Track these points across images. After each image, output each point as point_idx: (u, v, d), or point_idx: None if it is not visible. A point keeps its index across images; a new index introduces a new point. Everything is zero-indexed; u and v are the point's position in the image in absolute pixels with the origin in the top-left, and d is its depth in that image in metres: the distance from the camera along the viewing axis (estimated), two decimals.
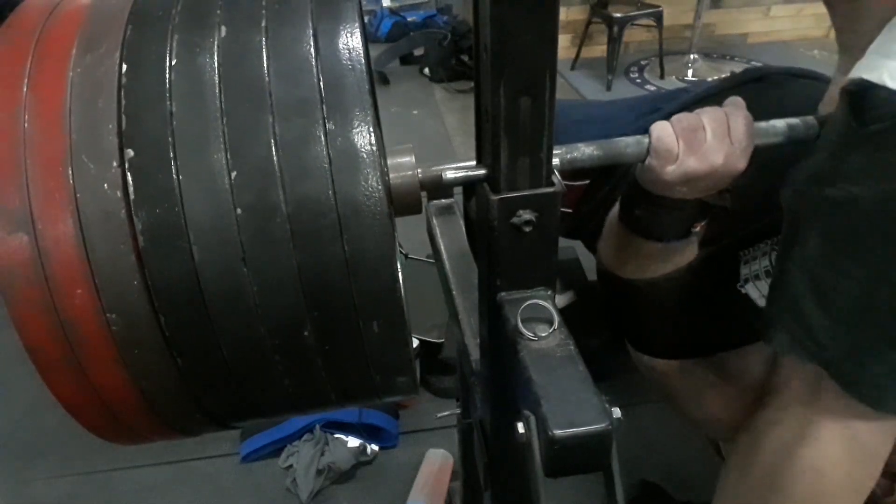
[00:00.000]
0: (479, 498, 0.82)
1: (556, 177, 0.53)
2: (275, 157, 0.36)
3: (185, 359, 0.39)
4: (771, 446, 0.68)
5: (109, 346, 0.37)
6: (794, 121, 0.62)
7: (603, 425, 0.39)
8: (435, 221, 0.80)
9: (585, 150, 0.61)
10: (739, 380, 0.87)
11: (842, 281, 0.57)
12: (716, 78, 3.44)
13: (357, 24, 0.40)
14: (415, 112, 3.38)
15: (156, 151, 0.35)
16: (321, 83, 0.38)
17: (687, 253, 0.78)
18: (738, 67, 3.64)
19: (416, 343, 1.57)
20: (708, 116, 0.62)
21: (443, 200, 0.82)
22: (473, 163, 0.63)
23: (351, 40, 0.39)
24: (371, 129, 0.38)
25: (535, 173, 0.51)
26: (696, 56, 3.67)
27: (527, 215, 0.50)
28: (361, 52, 0.39)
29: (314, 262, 0.37)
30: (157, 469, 1.53)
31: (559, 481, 0.42)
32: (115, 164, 0.35)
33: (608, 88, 3.49)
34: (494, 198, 0.50)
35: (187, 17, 0.38)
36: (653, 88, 3.53)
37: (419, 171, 0.50)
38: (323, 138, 0.37)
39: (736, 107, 0.64)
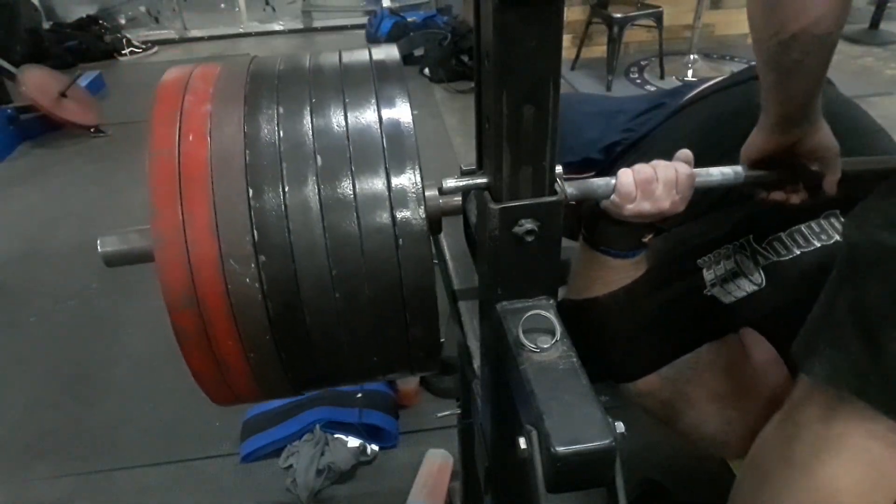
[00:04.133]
0: (479, 498, 0.82)
1: (559, 185, 0.53)
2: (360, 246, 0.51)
3: (287, 351, 0.54)
4: (787, 460, 0.68)
5: (240, 354, 0.54)
6: (726, 170, 0.77)
7: (606, 442, 0.39)
8: None
9: (566, 189, 0.67)
10: (714, 362, 0.91)
11: None
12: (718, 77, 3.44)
13: (407, 103, 0.54)
14: (415, 112, 3.32)
15: (279, 255, 0.50)
16: (384, 143, 0.52)
17: (640, 265, 0.89)
18: (738, 67, 3.63)
19: None
20: (661, 171, 0.75)
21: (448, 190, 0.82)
22: (474, 169, 0.63)
23: (403, 114, 0.53)
24: (418, 175, 0.51)
25: (538, 182, 0.51)
26: (696, 56, 3.67)
27: (528, 224, 0.50)
28: (412, 122, 0.53)
29: (377, 272, 0.51)
30: (157, 469, 1.53)
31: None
32: (252, 265, 0.49)
33: (608, 89, 3.49)
34: (495, 207, 0.50)
35: (289, 141, 0.51)
36: (653, 89, 3.53)
37: (441, 201, 0.58)
38: (386, 183, 0.51)
39: (685, 163, 0.77)
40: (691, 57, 3.66)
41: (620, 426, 0.41)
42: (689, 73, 3.62)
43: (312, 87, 0.54)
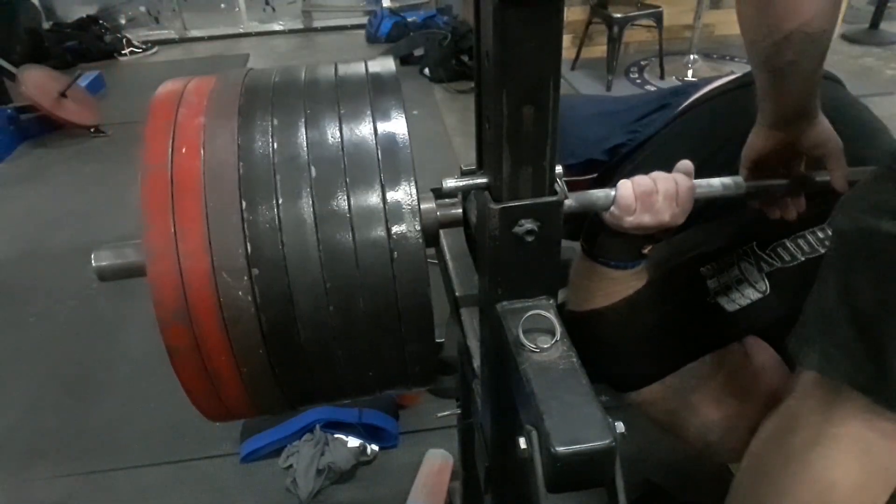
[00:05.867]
0: (479, 498, 0.82)
1: (559, 185, 0.53)
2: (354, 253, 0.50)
3: (281, 366, 0.53)
4: (784, 453, 0.68)
5: (235, 375, 0.53)
6: (727, 180, 0.76)
7: (606, 442, 0.39)
8: None
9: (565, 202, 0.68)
10: (717, 370, 0.91)
11: (890, 318, 0.58)
12: (724, 75, 3.44)
13: (403, 117, 0.53)
14: (415, 112, 3.37)
15: (273, 268, 0.49)
16: (379, 156, 0.51)
17: (641, 275, 0.88)
18: (738, 67, 3.63)
19: None
20: (661, 184, 0.75)
21: (446, 200, 0.82)
22: (474, 169, 0.63)
23: (399, 127, 0.52)
24: (413, 189, 0.50)
25: (538, 182, 0.51)
26: (696, 56, 3.67)
27: (528, 224, 0.50)
28: (406, 135, 0.52)
29: (372, 285, 0.51)
30: (157, 469, 1.53)
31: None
32: (245, 278, 0.49)
33: (608, 89, 3.49)
34: (495, 207, 0.50)
35: (283, 153, 0.51)
36: (653, 89, 3.53)
37: (438, 213, 0.59)
38: (381, 197, 0.50)
39: (684, 175, 0.76)
40: (691, 57, 3.66)
41: (620, 426, 0.41)
42: (689, 73, 3.62)
43: (307, 100, 0.54)
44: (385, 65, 0.59)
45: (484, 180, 0.53)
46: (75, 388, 1.77)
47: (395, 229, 0.50)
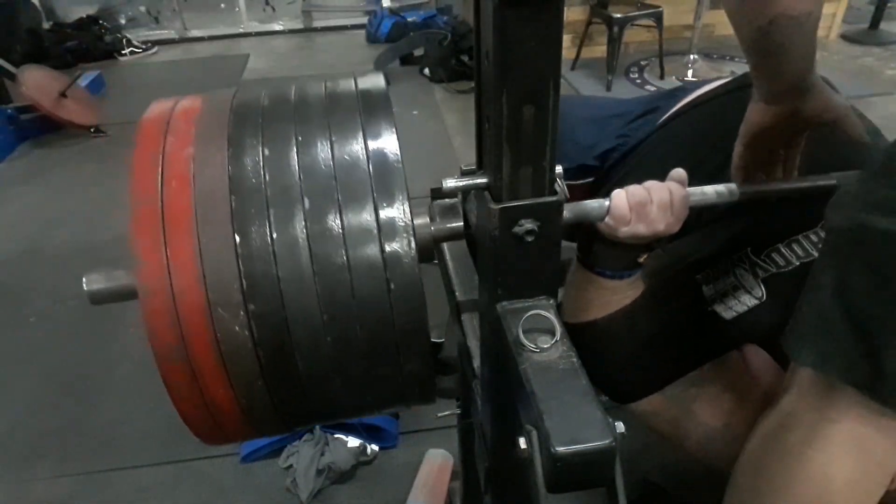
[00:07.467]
0: (479, 498, 0.82)
1: (559, 185, 0.53)
2: (343, 256, 0.50)
3: (279, 396, 0.54)
4: (780, 450, 0.68)
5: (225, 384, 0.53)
6: (720, 188, 0.76)
7: (606, 442, 0.39)
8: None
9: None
10: (717, 379, 0.90)
11: (885, 315, 0.58)
12: (715, 78, 3.44)
13: (394, 133, 0.54)
14: (415, 112, 3.38)
15: (269, 303, 0.50)
16: (372, 176, 0.51)
17: (637, 285, 0.88)
18: (738, 67, 3.64)
19: None
20: (655, 193, 0.74)
21: (446, 200, 0.82)
22: (474, 169, 0.63)
23: (390, 144, 0.53)
24: (407, 207, 0.51)
25: (538, 182, 0.51)
26: (696, 56, 3.67)
27: (529, 225, 0.50)
28: (398, 153, 0.52)
29: (369, 315, 0.51)
30: (157, 469, 1.53)
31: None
32: (242, 313, 0.49)
33: (608, 89, 3.49)
34: (495, 207, 0.50)
35: (275, 184, 0.51)
36: (653, 89, 3.53)
37: (433, 227, 0.59)
38: (374, 218, 0.51)
39: (678, 183, 0.76)
40: (691, 57, 3.66)
41: (620, 426, 0.41)
42: (689, 73, 3.62)
43: (297, 124, 0.54)
44: (375, 81, 0.59)
45: (484, 180, 0.53)
46: (75, 388, 1.77)
47: (389, 248, 0.50)
